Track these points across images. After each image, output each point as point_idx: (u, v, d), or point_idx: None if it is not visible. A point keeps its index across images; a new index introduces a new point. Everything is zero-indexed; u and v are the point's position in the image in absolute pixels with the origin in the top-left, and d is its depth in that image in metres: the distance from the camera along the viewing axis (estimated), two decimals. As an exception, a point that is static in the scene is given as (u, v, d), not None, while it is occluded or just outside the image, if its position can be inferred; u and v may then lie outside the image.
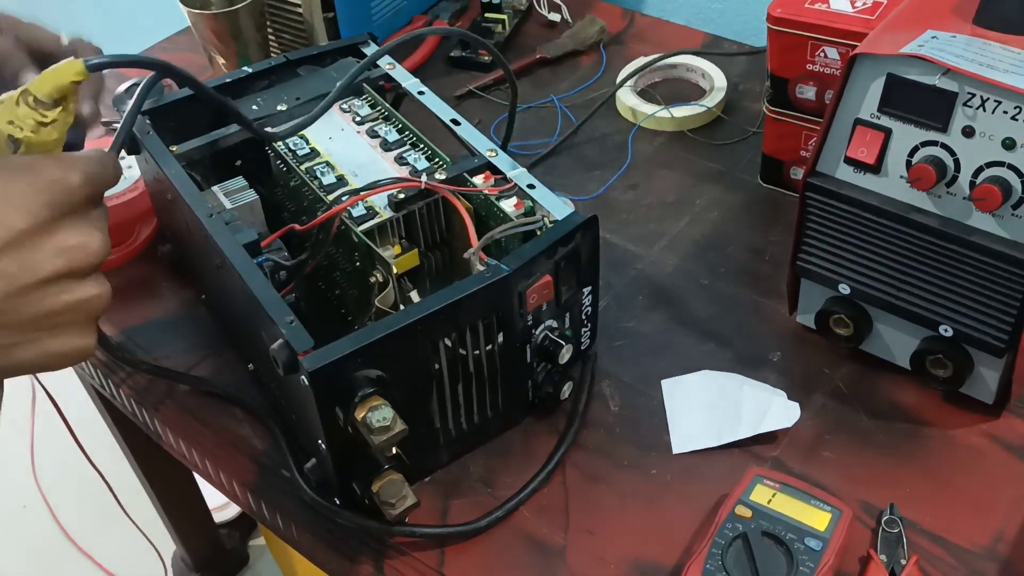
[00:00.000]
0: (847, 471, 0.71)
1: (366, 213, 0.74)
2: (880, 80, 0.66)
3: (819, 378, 0.78)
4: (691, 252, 0.90)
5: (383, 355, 0.63)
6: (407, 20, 1.22)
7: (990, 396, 0.73)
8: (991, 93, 0.62)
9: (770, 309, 0.83)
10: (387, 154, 0.80)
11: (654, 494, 0.71)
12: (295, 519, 0.72)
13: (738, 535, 0.64)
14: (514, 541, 0.69)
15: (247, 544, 1.64)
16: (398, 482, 0.66)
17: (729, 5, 1.22)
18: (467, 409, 0.71)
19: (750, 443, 0.73)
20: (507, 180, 0.75)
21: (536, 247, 0.68)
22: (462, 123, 0.81)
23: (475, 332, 0.67)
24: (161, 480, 1.34)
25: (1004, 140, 0.63)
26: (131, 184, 0.94)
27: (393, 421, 0.61)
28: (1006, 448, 0.72)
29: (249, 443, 0.77)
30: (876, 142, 0.68)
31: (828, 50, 0.83)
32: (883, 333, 0.75)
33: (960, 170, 0.66)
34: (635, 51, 1.14)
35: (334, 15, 1.10)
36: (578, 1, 1.23)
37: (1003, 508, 0.68)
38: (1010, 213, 0.65)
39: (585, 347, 0.78)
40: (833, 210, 0.72)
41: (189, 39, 1.13)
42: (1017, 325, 0.67)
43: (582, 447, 0.74)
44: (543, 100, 1.09)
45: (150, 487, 1.34)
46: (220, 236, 0.71)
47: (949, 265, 0.68)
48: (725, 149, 1.01)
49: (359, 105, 0.86)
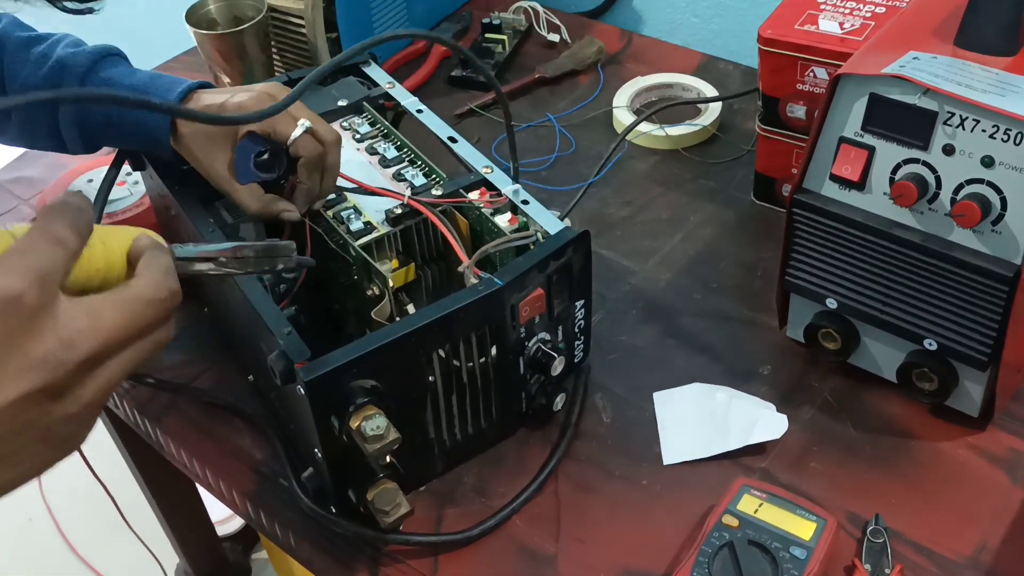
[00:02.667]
0: (834, 482, 0.73)
1: (364, 228, 0.76)
2: (863, 99, 0.68)
3: (808, 391, 0.79)
4: (684, 267, 0.91)
5: (378, 366, 0.65)
6: (409, 41, 1.24)
7: (975, 409, 0.74)
8: (970, 112, 0.64)
9: (760, 323, 0.85)
10: (385, 170, 0.82)
11: (644, 504, 0.73)
12: (293, 527, 0.74)
13: (725, 544, 0.66)
14: (506, 549, 0.71)
15: (249, 557, 1.65)
16: (393, 490, 0.68)
17: (724, 26, 1.24)
18: (461, 419, 0.73)
19: (739, 454, 0.75)
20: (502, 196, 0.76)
21: (528, 261, 0.70)
22: (459, 140, 0.83)
23: (468, 344, 0.69)
24: (165, 493, 1.35)
25: (983, 158, 0.65)
26: (136, 200, 0.96)
27: (387, 430, 0.63)
28: (990, 460, 0.73)
29: (249, 453, 0.79)
30: (860, 160, 0.70)
31: (817, 70, 0.85)
32: (870, 347, 0.77)
33: (941, 187, 0.67)
34: (632, 71, 1.16)
35: (337, 35, 1.12)
36: (577, 22, 1.26)
37: (986, 519, 0.69)
38: (990, 229, 0.66)
39: (578, 360, 0.80)
40: (819, 226, 0.73)
41: (195, 58, 1.15)
42: (999, 339, 0.69)
43: (574, 458, 0.76)
44: (541, 120, 1.11)
45: (154, 500, 1.36)
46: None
47: (931, 280, 0.70)
48: (719, 167, 1.03)
49: (359, 123, 0.88)
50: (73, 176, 1.00)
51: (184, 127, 0.76)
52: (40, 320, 0.43)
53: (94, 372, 0.45)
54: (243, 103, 0.75)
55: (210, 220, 0.77)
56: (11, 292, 0.42)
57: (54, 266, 0.44)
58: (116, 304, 0.46)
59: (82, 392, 0.45)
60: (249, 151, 0.76)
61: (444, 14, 1.29)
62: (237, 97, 0.75)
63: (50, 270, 0.44)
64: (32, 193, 1.07)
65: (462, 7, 1.32)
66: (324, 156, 0.76)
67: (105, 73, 0.78)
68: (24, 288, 0.42)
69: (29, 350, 0.43)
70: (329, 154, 0.76)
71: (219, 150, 0.76)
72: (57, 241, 0.45)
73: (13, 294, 0.42)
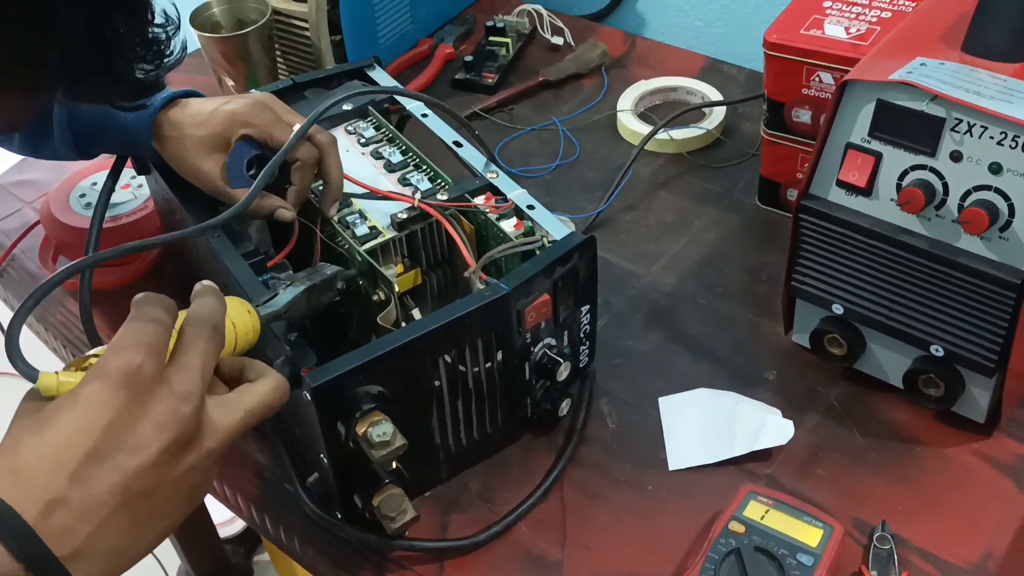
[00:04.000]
0: (840, 488, 0.73)
1: (369, 233, 0.75)
2: (870, 105, 0.68)
3: (814, 396, 0.79)
4: (689, 272, 0.91)
5: (384, 371, 0.65)
6: (412, 43, 1.24)
7: (981, 415, 0.74)
8: (977, 119, 0.64)
9: (766, 328, 0.85)
10: (391, 175, 0.82)
11: (650, 510, 0.72)
12: (298, 532, 0.74)
13: (731, 550, 0.66)
14: (512, 555, 0.70)
15: (251, 560, 1.65)
16: (398, 496, 0.68)
17: (728, 30, 1.24)
18: (466, 425, 0.73)
19: (745, 460, 0.75)
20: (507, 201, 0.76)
21: (534, 266, 0.70)
22: (464, 145, 0.83)
23: (474, 349, 0.69)
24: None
25: (991, 164, 0.65)
26: (140, 203, 0.96)
27: (393, 436, 0.63)
28: (996, 467, 0.73)
29: (254, 457, 0.79)
30: (867, 166, 0.70)
31: (823, 75, 0.85)
32: (876, 352, 0.77)
33: (948, 193, 0.67)
34: (636, 74, 1.16)
35: (341, 38, 1.12)
36: (581, 25, 1.26)
37: (992, 526, 0.69)
38: (997, 236, 0.66)
39: (584, 365, 0.80)
40: (826, 232, 0.73)
41: (199, 61, 1.15)
42: (1005, 345, 0.68)
43: (580, 463, 0.76)
44: (545, 123, 1.11)
45: (156, 502, 1.35)
46: (226, 255, 0.73)
47: (938, 286, 0.69)
48: (724, 171, 1.03)
49: (364, 127, 0.88)
50: (76, 180, 1.00)
51: (173, 131, 0.77)
52: (157, 386, 0.50)
53: (213, 416, 0.53)
54: (236, 110, 0.75)
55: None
56: (133, 364, 0.49)
57: (161, 341, 0.51)
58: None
59: (203, 441, 0.52)
60: (243, 156, 0.76)
61: (448, 17, 1.29)
62: (231, 104, 0.76)
63: (157, 345, 0.51)
64: (36, 196, 1.07)
65: (466, 10, 1.32)
66: (321, 160, 0.76)
67: None
68: (142, 360, 0.50)
69: (155, 412, 0.49)
70: (328, 156, 0.76)
71: (211, 154, 0.76)
72: (156, 319, 0.52)
73: (135, 365, 0.49)
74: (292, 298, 0.64)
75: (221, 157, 0.76)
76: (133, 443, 0.49)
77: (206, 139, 0.76)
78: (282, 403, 0.57)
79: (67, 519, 0.47)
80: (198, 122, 0.76)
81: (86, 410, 0.48)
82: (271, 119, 0.75)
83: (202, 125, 0.76)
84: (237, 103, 0.76)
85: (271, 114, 0.76)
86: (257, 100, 0.77)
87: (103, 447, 0.48)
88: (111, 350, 0.50)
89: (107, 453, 0.48)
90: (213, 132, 0.76)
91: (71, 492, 0.47)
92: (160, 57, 0.55)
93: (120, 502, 0.48)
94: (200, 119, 0.76)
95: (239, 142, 0.76)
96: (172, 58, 0.56)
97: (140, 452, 0.49)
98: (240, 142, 0.76)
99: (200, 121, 0.76)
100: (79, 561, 0.47)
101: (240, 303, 0.61)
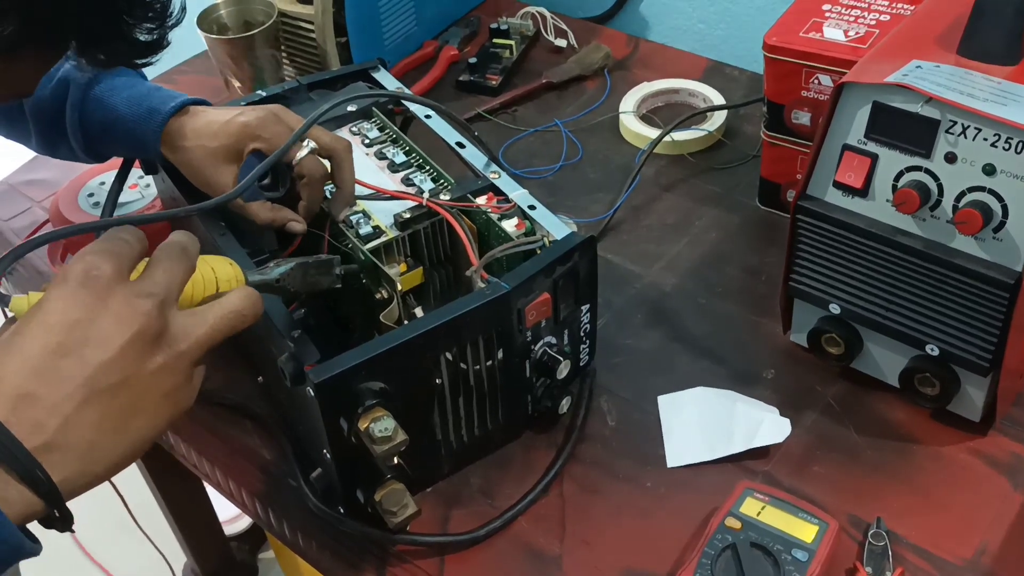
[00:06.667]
0: (836, 485, 0.73)
1: (372, 232, 0.77)
2: (866, 107, 0.69)
3: (811, 395, 0.80)
4: (689, 272, 0.92)
5: (386, 368, 0.66)
6: (417, 45, 1.25)
7: (976, 414, 0.75)
8: (972, 121, 0.65)
9: (765, 328, 0.86)
10: (394, 175, 0.83)
11: (648, 506, 0.73)
12: (301, 527, 0.75)
13: (727, 546, 0.67)
14: (512, 550, 0.71)
15: (257, 557, 1.66)
16: (400, 491, 0.69)
17: (730, 32, 1.25)
18: (468, 422, 0.74)
19: (742, 457, 0.76)
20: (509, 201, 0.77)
21: (535, 265, 0.71)
22: (467, 146, 0.84)
23: (475, 347, 0.70)
24: (173, 493, 1.36)
25: (985, 166, 0.65)
26: (147, 203, 0.97)
27: (395, 432, 0.64)
28: (991, 465, 0.74)
29: (258, 453, 0.80)
30: (863, 167, 0.70)
31: (822, 77, 0.86)
32: (873, 352, 0.78)
33: (943, 194, 0.68)
34: (639, 76, 1.17)
35: (346, 40, 1.13)
36: (584, 27, 1.27)
37: (987, 522, 0.70)
38: (991, 236, 0.67)
39: (584, 363, 0.81)
40: (823, 232, 0.74)
41: (206, 62, 1.16)
42: (1000, 345, 0.69)
43: (579, 460, 0.77)
44: (548, 124, 1.12)
45: (162, 500, 1.37)
46: (232, 253, 0.74)
47: (933, 286, 0.70)
48: (725, 172, 1.03)
49: (368, 128, 0.89)
50: (85, 179, 1.01)
51: (185, 140, 0.78)
52: (118, 285, 0.52)
53: (181, 320, 0.53)
54: (248, 123, 0.77)
55: (221, 223, 0.78)
56: (93, 265, 0.51)
57: (123, 251, 0.54)
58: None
59: (171, 342, 0.52)
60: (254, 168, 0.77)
61: (452, 19, 1.30)
62: (243, 116, 0.77)
63: (119, 253, 0.53)
64: (45, 195, 1.08)
65: (470, 12, 1.33)
66: (334, 166, 0.78)
67: (106, 83, 0.80)
68: (102, 263, 0.52)
69: (115, 307, 0.51)
70: (343, 163, 0.78)
71: (224, 166, 0.77)
72: (123, 239, 0.55)
73: (95, 266, 0.51)
74: (285, 269, 0.66)
75: (233, 169, 0.78)
76: (96, 336, 0.50)
77: (219, 151, 0.77)
78: (255, 311, 0.57)
79: (36, 412, 0.48)
80: (211, 133, 0.77)
81: (49, 310, 0.50)
82: (282, 131, 0.77)
83: (215, 136, 0.77)
84: (249, 115, 0.77)
85: (283, 126, 0.77)
86: (269, 112, 0.78)
87: (67, 342, 0.50)
88: (75, 259, 0.52)
89: (71, 348, 0.50)
90: (225, 144, 0.77)
91: (37, 387, 0.49)
92: (163, 17, 0.56)
93: (87, 395, 0.49)
94: (212, 130, 0.77)
95: (250, 156, 0.77)
96: (173, 18, 0.56)
97: (103, 345, 0.50)
98: (251, 156, 0.77)
99: (213, 132, 0.77)
100: (51, 454, 0.48)
101: (223, 259, 0.62)
